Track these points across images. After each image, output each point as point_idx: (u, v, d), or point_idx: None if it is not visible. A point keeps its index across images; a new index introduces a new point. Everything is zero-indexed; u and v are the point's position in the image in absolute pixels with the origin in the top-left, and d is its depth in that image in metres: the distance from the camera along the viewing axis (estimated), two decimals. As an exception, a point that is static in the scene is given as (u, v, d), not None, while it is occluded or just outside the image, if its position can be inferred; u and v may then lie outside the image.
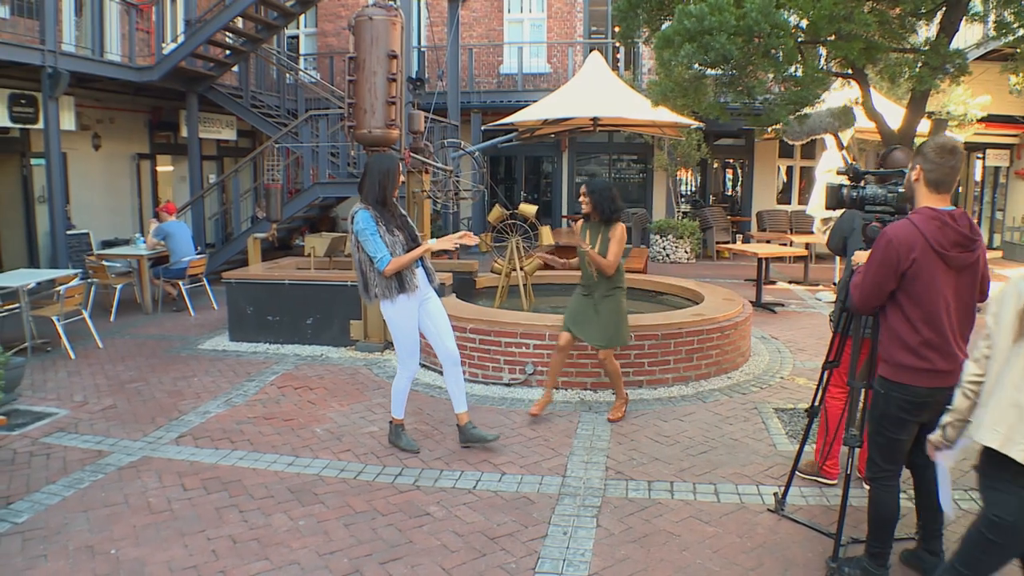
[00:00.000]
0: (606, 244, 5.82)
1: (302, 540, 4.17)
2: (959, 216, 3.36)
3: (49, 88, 10.37)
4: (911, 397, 3.44)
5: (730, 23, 5.16)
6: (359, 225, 5.13)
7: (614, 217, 5.89)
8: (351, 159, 12.67)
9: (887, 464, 3.60)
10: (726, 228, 17.95)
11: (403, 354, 5.41)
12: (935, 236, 3.31)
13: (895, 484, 3.62)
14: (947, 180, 3.37)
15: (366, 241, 5.10)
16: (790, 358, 8.04)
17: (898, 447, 3.57)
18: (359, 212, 5.18)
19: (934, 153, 3.35)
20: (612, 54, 18.59)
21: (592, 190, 5.89)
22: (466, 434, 5.49)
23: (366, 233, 5.10)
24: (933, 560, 3.72)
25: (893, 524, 3.64)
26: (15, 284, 8.07)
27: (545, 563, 3.92)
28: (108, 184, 14.69)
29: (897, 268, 3.36)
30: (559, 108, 11.86)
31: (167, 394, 6.83)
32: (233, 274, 8.87)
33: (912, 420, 3.51)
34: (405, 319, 5.29)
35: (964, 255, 3.35)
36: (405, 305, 5.25)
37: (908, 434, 3.55)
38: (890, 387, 3.50)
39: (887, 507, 3.61)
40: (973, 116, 13.88)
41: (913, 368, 3.41)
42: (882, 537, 3.64)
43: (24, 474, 5.07)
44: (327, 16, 19.69)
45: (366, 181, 5.26)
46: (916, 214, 3.40)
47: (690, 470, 5.11)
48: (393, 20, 7.60)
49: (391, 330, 5.39)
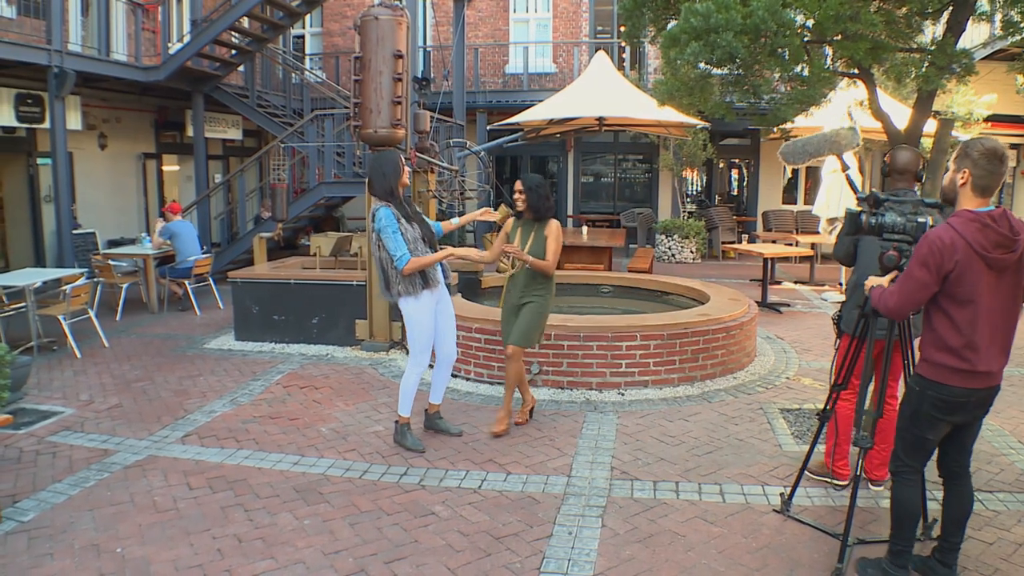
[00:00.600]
0: (542, 243, 5.59)
1: (307, 539, 4.18)
2: (999, 217, 3.33)
3: (55, 88, 10.39)
4: (946, 396, 3.43)
5: (736, 21, 5.15)
6: (380, 223, 5.17)
7: (548, 215, 5.70)
8: (357, 159, 12.68)
9: (910, 460, 3.59)
10: (732, 228, 17.91)
11: (417, 350, 5.45)
12: (976, 238, 3.29)
13: (916, 480, 3.61)
14: (993, 186, 3.36)
15: (387, 239, 5.15)
16: (796, 358, 8.02)
17: (925, 445, 3.56)
18: (380, 209, 5.23)
19: (984, 159, 3.33)
20: (618, 54, 18.56)
21: (529, 187, 5.61)
22: (431, 421, 5.74)
23: (388, 231, 5.14)
24: (944, 572, 3.68)
25: (914, 521, 3.63)
26: (21, 283, 8.10)
27: (550, 563, 3.91)
28: (114, 184, 14.73)
29: (940, 271, 3.33)
30: (565, 108, 11.85)
31: (173, 393, 6.84)
32: (239, 273, 8.88)
33: (944, 420, 3.49)
34: (425, 315, 5.36)
35: (1006, 256, 3.32)
36: (428, 301, 5.33)
37: (937, 434, 3.54)
38: (926, 385, 3.49)
39: (907, 503, 3.60)
40: (979, 115, 13.83)
41: (952, 368, 3.40)
42: (903, 534, 3.63)
43: (30, 473, 5.08)
44: (333, 16, 19.70)
45: (374, 178, 5.30)
46: (956, 217, 3.38)
47: (695, 470, 5.10)
48: (399, 20, 7.60)
49: (408, 326, 5.43)
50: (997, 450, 5.43)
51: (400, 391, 5.52)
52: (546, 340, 6.74)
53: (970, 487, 3.70)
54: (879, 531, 4.18)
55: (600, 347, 6.72)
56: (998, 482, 4.90)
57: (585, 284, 9.86)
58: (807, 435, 5.70)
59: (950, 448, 3.64)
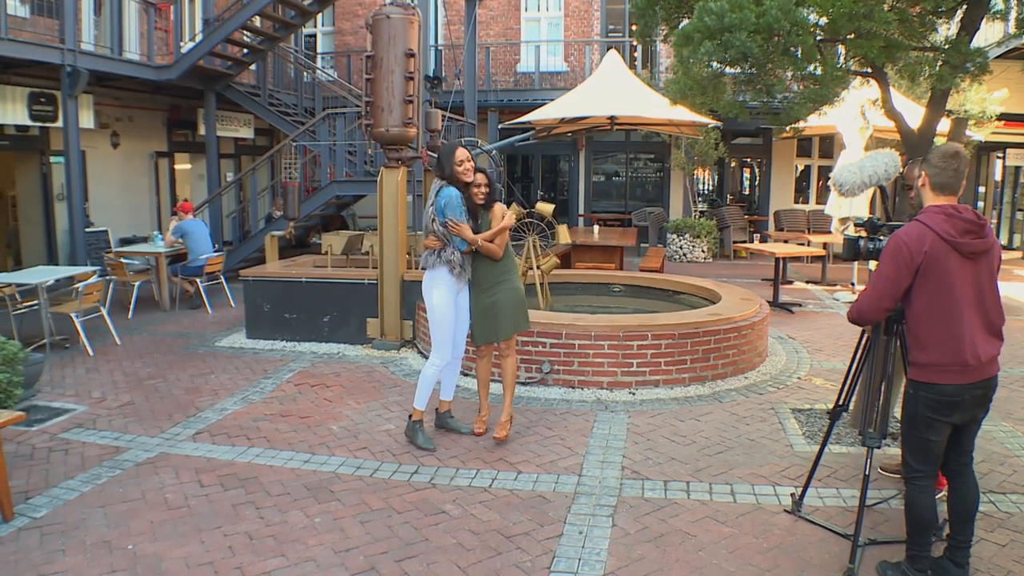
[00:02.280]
0: (487, 227, 5.52)
1: (318, 537, 4.18)
2: (963, 208, 3.43)
3: (68, 87, 10.45)
4: (938, 396, 3.44)
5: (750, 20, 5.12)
6: (441, 200, 5.29)
7: (492, 201, 5.60)
8: (368, 157, 12.69)
9: (919, 465, 3.58)
10: (743, 227, 17.84)
11: (438, 341, 5.50)
12: (943, 227, 3.37)
13: (928, 485, 3.59)
14: (951, 183, 3.48)
15: (453, 213, 5.27)
16: (807, 358, 7.99)
17: (930, 448, 3.54)
18: (446, 188, 5.33)
19: (937, 158, 3.49)
20: (630, 52, 18.52)
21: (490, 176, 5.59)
22: (442, 419, 5.77)
23: (451, 209, 5.27)
24: (957, 572, 3.66)
25: (928, 526, 3.61)
26: (35, 281, 8.14)
27: (560, 562, 3.91)
28: (126, 182, 14.79)
29: (911, 264, 3.39)
30: (576, 107, 11.82)
31: (184, 391, 6.86)
32: (250, 272, 8.91)
33: (942, 420, 3.48)
34: (447, 304, 5.44)
35: (976, 242, 3.39)
36: (447, 286, 5.41)
37: (939, 435, 3.52)
38: (918, 387, 3.50)
39: (920, 508, 3.58)
40: (992, 113, 13.74)
41: (938, 366, 3.42)
42: (918, 539, 3.62)
43: (43, 469, 5.11)
44: (344, 15, 19.73)
45: (440, 159, 5.44)
46: (921, 214, 3.49)
47: (706, 470, 5.09)
48: (410, 19, 7.61)
49: (430, 316, 5.48)
50: (1010, 451, 5.40)
51: (419, 382, 5.53)
52: (557, 339, 6.74)
53: (974, 483, 3.70)
54: (892, 532, 4.16)
55: (611, 346, 6.71)
56: (1011, 484, 4.86)
57: (596, 283, 9.85)
58: (818, 435, 5.67)
59: (948, 449, 3.63)
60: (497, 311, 5.48)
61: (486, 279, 5.53)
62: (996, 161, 18.54)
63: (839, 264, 15.51)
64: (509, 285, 5.55)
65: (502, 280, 5.54)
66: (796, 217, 18.02)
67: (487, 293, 5.51)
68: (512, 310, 5.51)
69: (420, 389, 5.52)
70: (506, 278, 5.56)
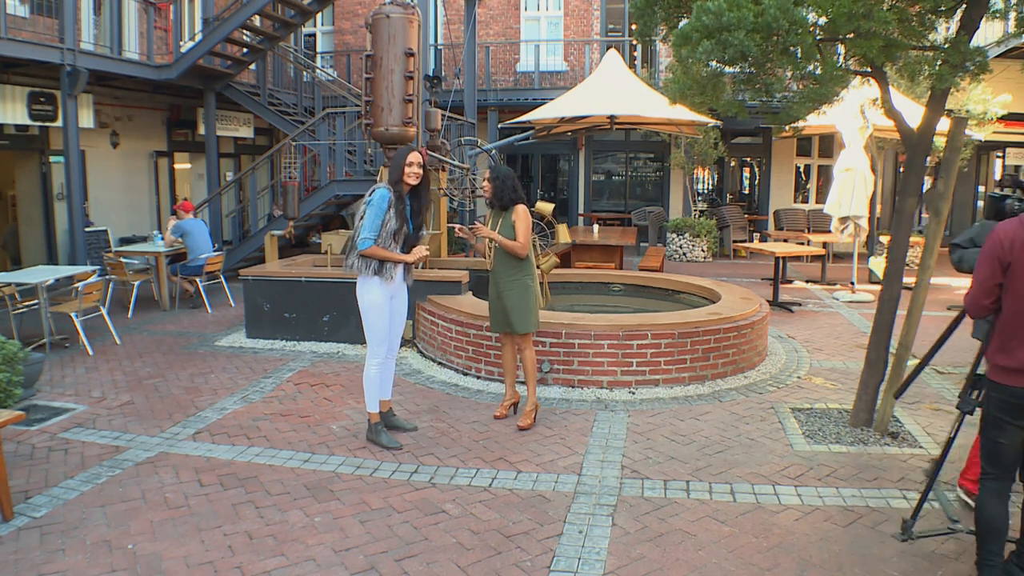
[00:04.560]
0: (510, 227, 5.77)
1: (318, 537, 4.18)
2: None
3: (68, 86, 10.44)
4: (1007, 398, 3.40)
5: (748, 19, 5.11)
6: (373, 197, 5.28)
7: (514, 202, 5.85)
8: (368, 157, 12.69)
9: (989, 466, 3.54)
10: (743, 227, 17.86)
11: (372, 341, 5.53)
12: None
13: (997, 488, 3.52)
14: None
15: (367, 215, 5.25)
16: (807, 358, 7.99)
17: (999, 450, 3.49)
18: (380, 189, 5.32)
19: None
20: (629, 52, 18.52)
21: (495, 176, 5.89)
22: (386, 418, 5.77)
23: (372, 209, 5.24)
24: None
25: (995, 532, 3.50)
26: (34, 280, 8.14)
27: (560, 561, 3.91)
28: (126, 181, 14.79)
29: (1001, 259, 3.36)
30: (576, 106, 11.83)
31: (184, 390, 6.86)
32: (250, 271, 8.91)
33: (1010, 423, 3.43)
34: (377, 304, 5.42)
35: None
36: (380, 291, 5.39)
37: (1008, 438, 3.46)
38: (990, 387, 3.49)
39: (986, 511, 3.51)
40: (993, 114, 13.75)
41: (1007, 368, 3.39)
42: (986, 545, 3.52)
43: (42, 469, 5.11)
44: (344, 14, 19.73)
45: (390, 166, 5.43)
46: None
47: (706, 469, 5.09)
48: (410, 18, 7.61)
49: (363, 314, 5.50)
50: None
51: (364, 386, 5.58)
52: (557, 338, 6.74)
53: None
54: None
55: (611, 346, 6.72)
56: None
57: (596, 283, 9.84)
58: (818, 435, 5.68)
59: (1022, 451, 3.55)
60: (510, 307, 5.79)
61: (501, 273, 5.84)
62: (996, 160, 18.56)
63: (839, 263, 15.53)
64: (522, 283, 5.82)
65: (518, 278, 5.82)
66: (796, 216, 18.03)
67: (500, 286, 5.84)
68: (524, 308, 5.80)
69: (368, 392, 5.58)
70: (519, 277, 5.82)
